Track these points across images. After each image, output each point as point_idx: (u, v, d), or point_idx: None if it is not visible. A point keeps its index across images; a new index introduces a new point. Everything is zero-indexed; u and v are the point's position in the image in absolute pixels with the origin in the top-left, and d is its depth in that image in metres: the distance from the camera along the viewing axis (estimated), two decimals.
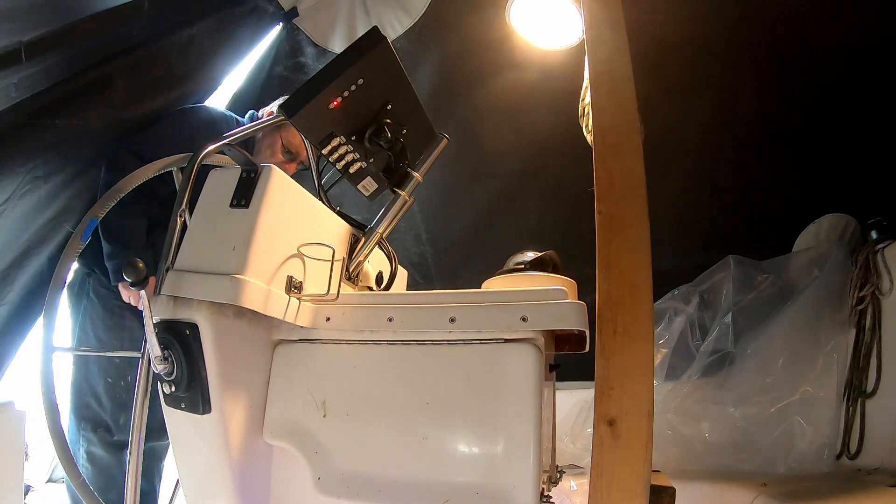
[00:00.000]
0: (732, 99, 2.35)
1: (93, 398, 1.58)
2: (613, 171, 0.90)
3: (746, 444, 2.00)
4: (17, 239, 1.53)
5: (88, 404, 1.57)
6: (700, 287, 2.39)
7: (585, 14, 1.09)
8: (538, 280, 1.17)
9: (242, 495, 0.91)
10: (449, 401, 0.89)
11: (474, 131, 2.57)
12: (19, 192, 1.45)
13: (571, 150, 2.11)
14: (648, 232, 0.84)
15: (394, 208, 1.14)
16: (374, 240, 1.14)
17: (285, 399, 0.97)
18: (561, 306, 0.86)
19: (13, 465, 1.58)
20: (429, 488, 0.86)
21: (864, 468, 1.83)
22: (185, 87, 1.91)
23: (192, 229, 0.92)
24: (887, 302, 1.96)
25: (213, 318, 0.85)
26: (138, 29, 1.59)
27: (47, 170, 1.51)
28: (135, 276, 0.75)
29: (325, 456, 0.92)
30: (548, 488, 1.02)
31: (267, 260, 0.89)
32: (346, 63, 0.99)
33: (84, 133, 1.56)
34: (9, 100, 1.30)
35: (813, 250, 2.32)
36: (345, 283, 1.08)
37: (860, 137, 2.25)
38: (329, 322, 0.95)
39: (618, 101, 0.96)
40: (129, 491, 0.92)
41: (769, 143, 2.41)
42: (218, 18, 1.93)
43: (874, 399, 1.90)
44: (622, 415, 0.75)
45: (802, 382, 2.01)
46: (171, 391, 0.88)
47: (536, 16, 1.87)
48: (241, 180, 0.92)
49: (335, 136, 1.05)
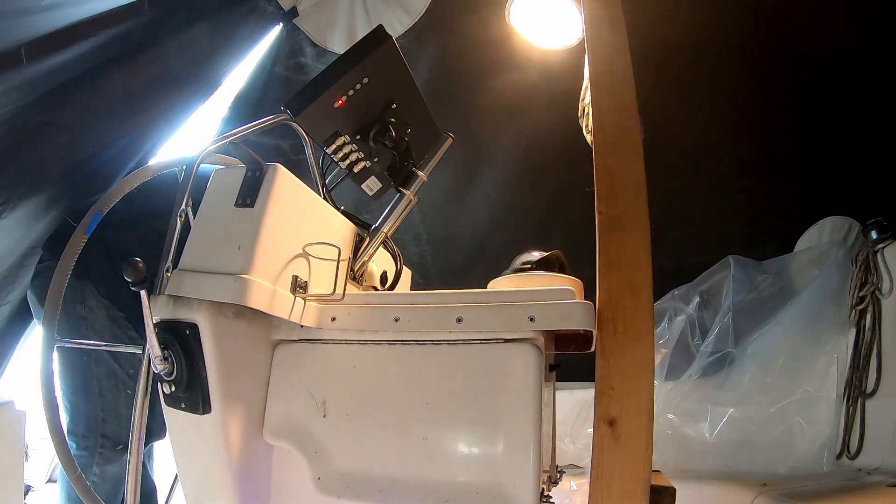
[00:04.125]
0: (733, 99, 2.35)
1: (112, 414, 1.51)
2: (613, 171, 0.90)
3: (746, 444, 2.00)
4: (19, 240, 1.53)
5: (106, 420, 1.50)
6: (700, 287, 2.39)
7: (585, 13, 1.09)
8: (544, 280, 1.16)
9: (242, 495, 0.91)
10: (449, 401, 0.89)
11: (474, 131, 2.57)
12: (19, 193, 1.45)
13: (571, 150, 2.12)
14: (648, 232, 0.84)
15: (398, 208, 1.13)
16: (378, 239, 1.14)
17: (285, 399, 0.97)
18: (569, 306, 0.85)
19: (13, 465, 1.58)
20: (429, 488, 0.86)
21: (864, 468, 1.83)
22: (185, 88, 1.91)
23: (195, 229, 0.92)
24: (887, 302, 1.96)
25: (213, 318, 0.85)
26: (138, 29, 1.59)
27: (48, 171, 1.51)
28: (135, 275, 0.75)
29: (325, 456, 0.92)
30: (548, 488, 1.02)
31: (272, 259, 0.89)
32: (351, 62, 0.99)
33: (85, 133, 1.56)
34: (10, 102, 1.30)
35: (813, 250, 2.32)
36: (349, 282, 1.08)
37: (861, 138, 2.25)
38: (335, 322, 0.95)
39: (618, 100, 0.96)
40: (129, 491, 0.92)
41: (769, 143, 2.42)
42: (217, 19, 1.93)
43: (874, 399, 1.89)
44: (622, 415, 0.75)
45: (802, 382, 2.01)
46: (171, 391, 0.88)
47: (536, 16, 1.87)
48: (247, 179, 0.91)
49: (340, 135, 1.05)
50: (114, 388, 1.48)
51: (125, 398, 1.49)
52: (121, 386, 1.49)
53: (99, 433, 1.46)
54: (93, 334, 1.45)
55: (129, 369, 1.49)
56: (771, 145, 2.42)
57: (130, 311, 1.46)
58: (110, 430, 1.47)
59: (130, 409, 1.49)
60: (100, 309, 1.45)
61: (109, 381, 1.48)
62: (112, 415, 1.48)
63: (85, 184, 1.64)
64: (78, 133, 1.55)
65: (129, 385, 1.50)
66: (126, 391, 1.49)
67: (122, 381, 1.48)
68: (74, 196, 1.62)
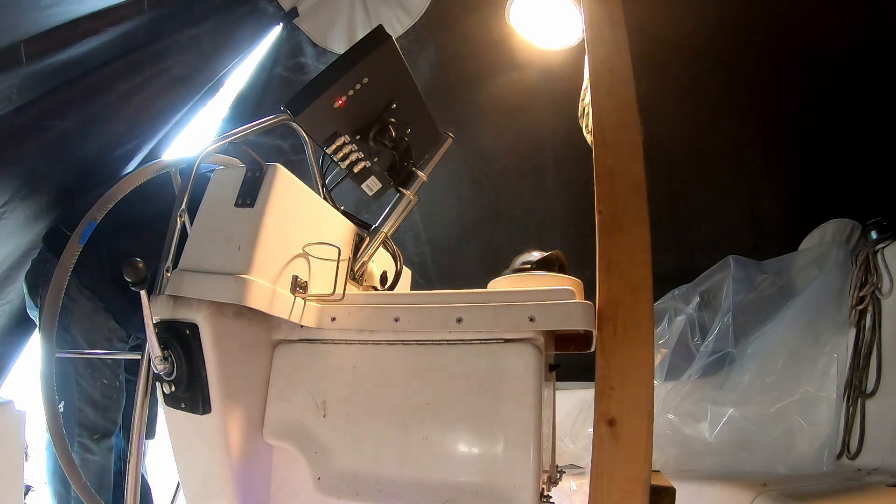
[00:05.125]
0: (733, 99, 2.35)
1: (88, 404, 1.53)
2: (613, 171, 0.90)
3: (746, 444, 2.00)
4: (20, 240, 1.53)
5: (82, 409, 1.53)
6: (700, 287, 2.39)
7: (585, 13, 1.08)
8: (545, 280, 1.16)
9: (242, 495, 0.91)
10: (449, 401, 0.89)
11: (474, 131, 2.57)
12: (20, 194, 1.45)
13: (571, 150, 2.12)
14: (648, 232, 0.84)
15: (398, 208, 1.13)
16: (378, 239, 1.14)
17: (285, 399, 0.97)
18: (569, 306, 0.85)
19: (13, 465, 1.58)
20: (429, 488, 0.86)
21: (864, 468, 1.83)
22: (186, 88, 1.91)
23: (195, 229, 0.92)
24: (887, 302, 1.96)
25: (213, 318, 0.85)
26: (139, 29, 1.59)
27: (49, 171, 1.51)
28: (135, 275, 0.75)
29: (325, 456, 0.92)
30: (548, 488, 1.02)
31: (272, 259, 0.89)
32: (351, 62, 0.99)
33: (85, 134, 1.56)
34: (10, 102, 1.30)
35: (813, 250, 2.32)
36: (349, 282, 1.08)
37: (862, 138, 2.25)
38: (335, 322, 0.95)
39: (618, 100, 0.96)
40: (129, 491, 0.92)
41: (770, 143, 2.41)
42: (218, 19, 1.93)
43: (874, 399, 1.90)
44: (622, 415, 0.75)
45: (802, 382, 2.01)
46: (171, 391, 0.88)
47: (536, 16, 1.87)
48: (247, 179, 0.91)
49: (340, 135, 1.05)
50: (90, 377, 1.49)
51: (101, 387, 1.50)
52: (97, 374, 1.50)
53: (76, 422, 1.48)
54: (74, 323, 1.47)
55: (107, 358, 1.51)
56: (772, 146, 2.42)
57: (111, 301, 1.48)
58: (86, 419, 1.49)
59: (107, 398, 1.52)
60: (80, 299, 1.47)
61: (86, 369, 1.49)
62: (88, 404, 1.49)
63: (85, 184, 1.64)
64: (78, 133, 1.55)
65: (105, 374, 1.52)
66: (102, 380, 1.51)
67: (98, 370, 1.50)
68: (75, 196, 1.62)
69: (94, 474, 1.48)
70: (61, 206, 1.59)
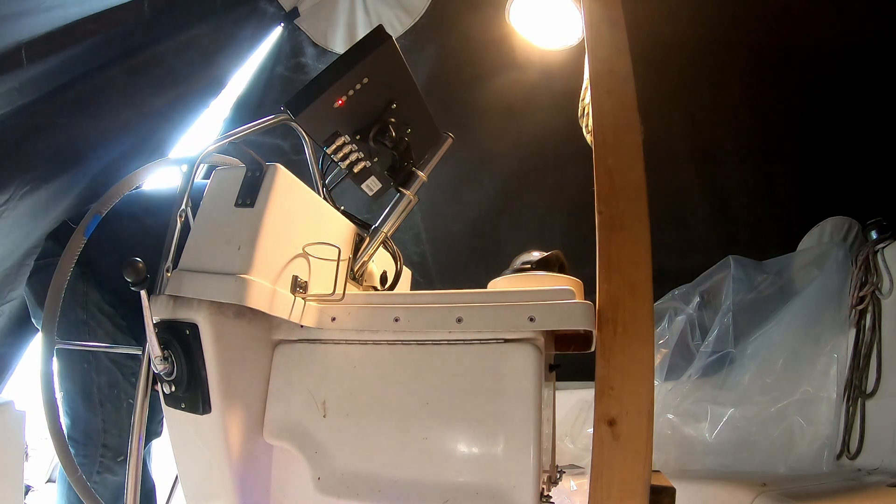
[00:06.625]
0: (733, 98, 2.35)
1: (114, 426, 1.45)
2: (613, 171, 0.90)
3: (746, 444, 2.00)
4: (20, 239, 1.53)
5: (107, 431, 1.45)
6: (700, 287, 2.39)
7: (585, 14, 1.09)
8: (544, 280, 1.16)
9: (242, 495, 0.91)
10: (449, 401, 0.89)
11: (474, 131, 2.57)
12: (20, 193, 1.45)
13: (571, 150, 2.12)
14: (648, 232, 0.84)
15: (398, 208, 1.13)
16: (378, 239, 1.14)
17: (285, 399, 0.97)
18: (569, 306, 0.85)
19: (13, 465, 1.58)
20: (429, 488, 0.86)
21: (864, 468, 1.83)
22: (186, 89, 1.91)
23: (195, 229, 0.92)
24: (887, 302, 1.96)
25: (213, 318, 0.85)
26: (139, 30, 1.59)
27: (49, 171, 1.51)
28: (134, 276, 0.75)
29: (325, 456, 0.92)
30: (548, 488, 1.02)
31: (272, 259, 0.89)
32: (351, 62, 0.99)
33: (85, 134, 1.56)
34: (11, 103, 1.30)
35: (813, 250, 2.32)
36: (349, 282, 1.08)
37: (862, 138, 2.25)
38: (335, 322, 0.95)
39: (618, 100, 0.96)
40: (129, 490, 0.92)
41: (770, 143, 2.41)
42: (218, 20, 1.93)
43: (874, 399, 1.89)
44: (622, 415, 0.75)
45: (802, 382, 2.01)
46: (171, 391, 0.88)
47: (536, 16, 1.87)
48: (247, 179, 0.91)
49: (339, 135, 1.05)
50: (115, 399, 1.46)
51: (127, 408, 1.46)
52: (122, 396, 1.46)
53: (100, 443, 1.44)
54: (94, 340, 1.44)
55: (132, 377, 1.46)
56: (772, 146, 2.42)
57: (133, 320, 1.44)
58: (112, 441, 1.45)
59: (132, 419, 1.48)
60: (103, 317, 1.43)
61: (111, 390, 1.45)
62: (113, 426, 1.45)
63: (86, 184, 1.64)
64: (79, 133, 1.55)
65: (130, 395, 1.46)
66: (128, 401, 1.46)
67: (123, 391, 1.46)
68: (75, 196, 1.62)
69: (110, 491, 1.45)
70: (62, 206, 1.59)
